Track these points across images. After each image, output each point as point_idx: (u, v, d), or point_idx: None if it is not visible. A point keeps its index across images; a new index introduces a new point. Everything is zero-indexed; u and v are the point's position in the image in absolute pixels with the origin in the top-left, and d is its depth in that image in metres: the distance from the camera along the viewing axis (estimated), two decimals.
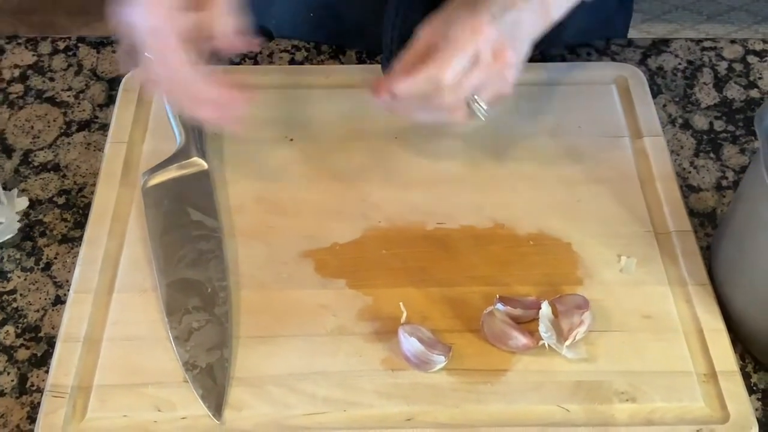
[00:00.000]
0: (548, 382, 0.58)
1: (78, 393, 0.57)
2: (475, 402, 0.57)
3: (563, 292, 0.62)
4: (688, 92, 0.79)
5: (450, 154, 0.71)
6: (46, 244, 0.66)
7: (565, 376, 0.58)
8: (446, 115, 0.62)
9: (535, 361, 0.58)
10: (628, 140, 0.73)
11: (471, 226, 0.66)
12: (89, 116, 0.76)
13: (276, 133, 0.72)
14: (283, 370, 0.58)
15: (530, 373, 0.58)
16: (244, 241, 0.65)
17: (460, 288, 0.62)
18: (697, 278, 0.63)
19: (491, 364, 0.58)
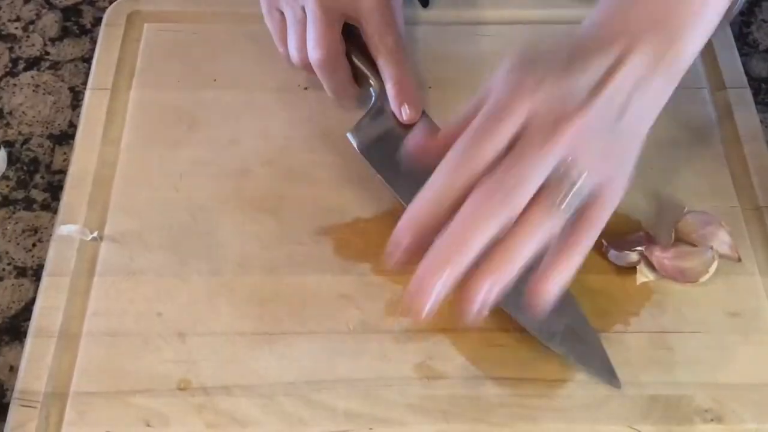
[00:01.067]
0: (616, 397, 0.49)
1: (52, 401, 0.48)
2: (527, 420, 0.48)
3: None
4: (745, 31, 0.67)
5: None
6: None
7: (636, 388, 0.49)
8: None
9: None
10: (707, 92, 0.61)
11: None
12: (39, 52, 0.65)
13: (287, 81, 0.61)
14: (296, 377, 0.49)
15: (594, 385, 0.49)
16: (250, 215, 0.55)
17: None
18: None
19: (548, 372, 0.49)
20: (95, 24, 0.67)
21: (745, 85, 0.61)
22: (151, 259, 0.53)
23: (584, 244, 0.41)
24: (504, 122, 0.40)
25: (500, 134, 0.40)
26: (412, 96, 0.55)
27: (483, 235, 0.39)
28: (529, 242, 0.39)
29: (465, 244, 0.38)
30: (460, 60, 0.63)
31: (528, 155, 0.39)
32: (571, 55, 0.42)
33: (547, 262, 0.40)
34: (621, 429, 0.48)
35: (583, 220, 0.41)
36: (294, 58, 0.57)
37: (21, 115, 0.62)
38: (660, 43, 0.42)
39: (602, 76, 0.41)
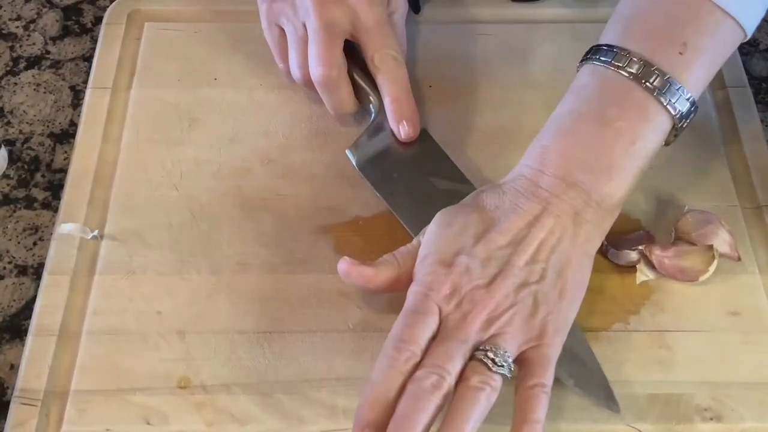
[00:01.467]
0: (616, 396, 0.48)
1: (52, 400, 0.48)
2: None
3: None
4: None
5: (493, 102, 0.60)
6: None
7: (636, 387, 0.49)
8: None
9: None
10: (707, 91, 0.61)
11: None
12: (40, 51, 0.65)
13: (287, 79, 0.60)
14: (296, 375, 0.49)
15: None
16: (250, 213, 0.55)
17: None
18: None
19: None
20: (96, 23, 0.67)
21: (746, 84, 0.61)
22: (151, 257, 0.53)
23: (544, 383, 0.44)
24: (420, 325, 0.44)
25: (420, 336, 0.44)
26: (410, 114, 0.56)
27: (425, 424, 0.42)
28: (476, 406, 0.43)
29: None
30: (459, 59, 0.63)
31: (442, 353, 0.44)
32: (491, 218, 0.47)
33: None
34: (621, 427, 0.47)
35: (529, 362, 0.45)
36: (295, 75, 0.57)
37: (22, 114, 0.62)
38: (574, 202, 0.47)
39: (515, 243, 0.46)
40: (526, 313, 0.45)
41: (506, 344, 0.44)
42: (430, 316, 0.45)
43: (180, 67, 0.62)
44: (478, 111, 0.60)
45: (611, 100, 0.48)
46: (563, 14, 0.65)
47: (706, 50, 0.47)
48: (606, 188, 0.47)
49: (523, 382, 0.44)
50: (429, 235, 0.48)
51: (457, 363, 0.44)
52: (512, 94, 0.61)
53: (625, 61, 0.47)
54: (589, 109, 0.48)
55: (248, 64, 0.62)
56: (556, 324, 0.45)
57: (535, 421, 0.43)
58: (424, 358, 0.44)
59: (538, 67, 0.62)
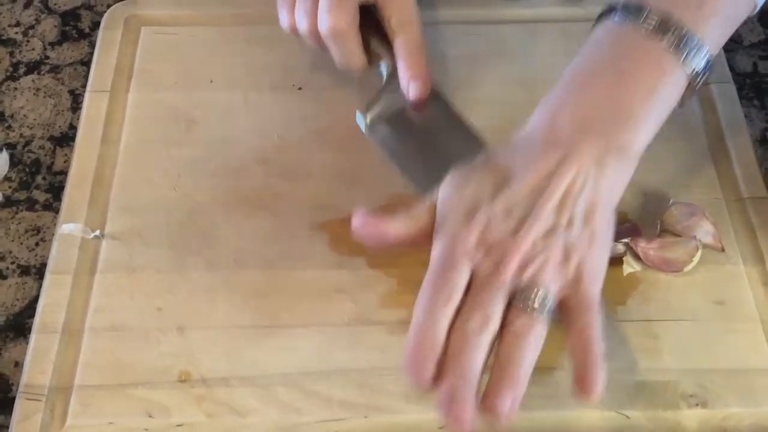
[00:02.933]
0: None
1: (56, 395, 0.49)
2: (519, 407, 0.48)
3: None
4: None
5: (486, 101, 0.61)
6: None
7: (623, 376, 0.50)
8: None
9: None
10: None
11: None
12: (39, 56, 0.66)
13: (282, 81, 0.62)
14: (293, 368, 0.50)
15: None
16: (247, 211, 0.56)
17: None
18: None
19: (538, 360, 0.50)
20: (94, 28, 0.68)
21: (729, 80, 0.62)
22: (150, 255, 0.54)
23: (593, 323, 0.44)
24: (452, 272, 0.44)
25: (454, 281, 0.44)
26: (422, 72, 0.55)
27: (478, 363, 0.43)
28: (524, 351, 0.43)
29: (470, 376, 0.43)
30: (451, 58, 0.64)
31: (482, 299, 0.44)
32: (506, 173, 0.46)
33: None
34: (609, 414, 0.49)
35: (571, 307, 0.45)
36: (301, 26, 0.55)
37: (22, 118, 0.63)
38: (593, 148, 0.46)
39: (537, 192, 0.45)
40: (559, 259, 0.44)
41: (545, 288, 0.44)
42: (461, 264, 0.44)
43: (177, 70, 0.63)
44: (469, 109, 0.61)
45: (627, 53, 0.47)
46: (553, 14, 0.66)
47: (721, 9, 0.47)
48: (625, 136, 0.46)
49: (571, 326, 0.44)
50: (443, 198, 0.47)
51: (497, 307, 0.43)
52: (504, 93, 0.62)
53: (642, 16, 0.47)
54: (604, 63, 0.47)
55: (244, 67, 0.63)
56: (592, 267, 0.45)
57: (596, 354, 0.43)
58: (463, 305, 0.44)
59: (528, 66, 0.63)
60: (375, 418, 0.49)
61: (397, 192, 0.56)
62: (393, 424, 0.48)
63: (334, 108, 0.61)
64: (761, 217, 0.55)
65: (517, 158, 0.47)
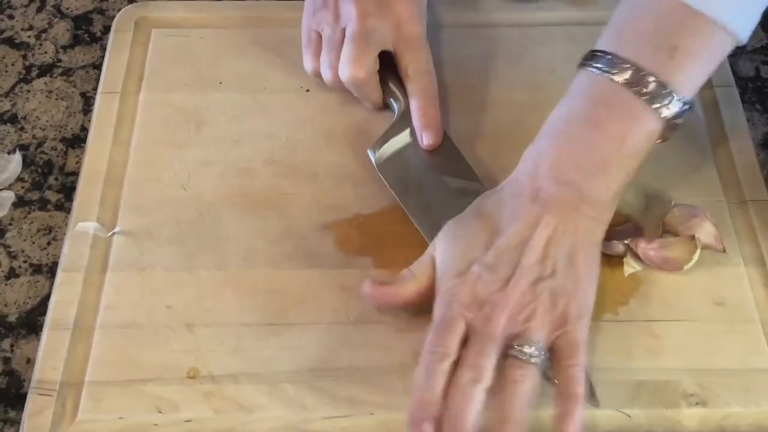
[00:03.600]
0: (606, 382, 0.50)
1: (68, 390, 0.50)
2: None
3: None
4: None
5: (491, 102, 0.62)
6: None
7: (625, 374, 0.51)
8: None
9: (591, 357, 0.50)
10: None
11: None
12: (51, 59, 0.67)
13: (290, 83, 0.63)
14: (299, 365, 0.51)
15: None
16: (255, 212, 0.57)
17: None
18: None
19: None
20: (105, 32, 0.69)
21: (732, 84, 0.63)
22: (160, 254, 0.55)
23: (577, 363, 0.47)
24: (449, 331, 0.47)
25: (450, 340, 0.47)
26: (435, 124, 0.58)
27: (471, 415, 0.45)
28: (521, 398, 0.46)
29: (464, 428, 0.45)
30: (456, 61, 0.65)
31: (475, 353, 0.47)
32: (494, 225, 0.50)
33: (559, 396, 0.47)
34: (611, 413, 0.49)
35: (559, 348, 0.47)
36: (325, 75, 0.60)
37: (35, 119, 0.64)
38: (570, 199, 0.49)
39: (522, 245, 0.49)
40: (546, 306, 0.47)
41: (534, 337, 0.47)
42: (456, 322, 0.47)
43: (187, 71, 0.64)
44: (474, 111, 0.62)
45: (601, 102, 0.50)
46: (556, 17, 0.67)
47: (696, 53, 0.49)
48: (599, 184, 0.50)
49: (558, 365, 0.47)
50: (441, 252, 0.51)
51: (490, 359, 0.46)
52: (507, 95, 0.63)
53: (617, 67, 0.49)
54: (580, 113, 0.50)
55: (252, 69, 0.64)
56: (577, 310, 0.48)
57: (577, 395, 0.46)
58: (460, 361, 0.47)
59: (532, 69, 0.64)
60: (380, 414, 0.49)
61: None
62: (398, 421, 0.49)
63: (341, 110, 0.62)
64: (762, 220, 0.56)
65: (504, 210, 0.50)
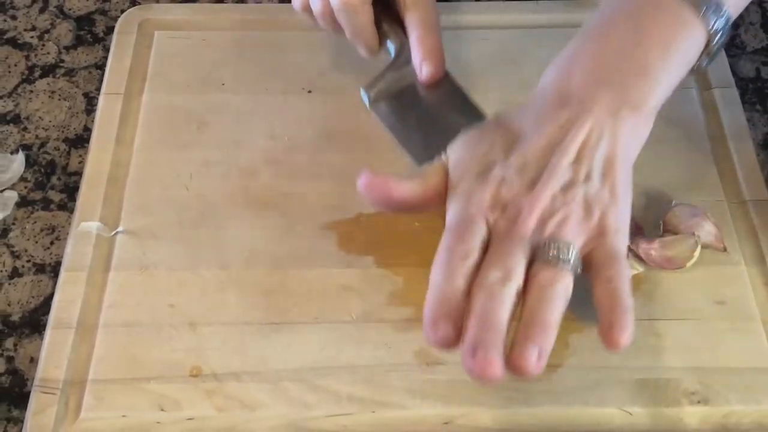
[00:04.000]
0: (607, 381, 0.50)
1: (71, 388, 0.50)
2: (522, 403, 0.50)
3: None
4: (733, 33, 0.67)
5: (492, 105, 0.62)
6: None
7: (626, 373, 0.51)
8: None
9: (592, 356, 0.51)
10: (695, 92, 0.63)
11: None
12: (54, 60, 0.67)
13: (292, 84, 0.63)
14: (301, 364, 0.51)
15: (586, 370, 0.51)
16: (257, 211, 0.57)
17: None
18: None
19: None
20: (108, 33, 0.69)
21: (732, 85, 0.63)
22: (163, 254, 0.55)
23: (620, 273, 0.42)
24: (469, 231, 0.43)
25: (471, 240, 0.42)
26: (436, 51, 0.54)
27: (503, 314, 0.40)
28: (551, 303, 0.41)
29: (495, 324, 0.40)
30: (457, 63, 0.64)
31: (501, 253, 0.42)
32: (519, 130, 0.45)
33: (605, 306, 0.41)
34: (612, 411, 0.49)
35: (597, 261, 0.42)
36: (316, 5, 0.55)
37: (38, 120, 0.65)
38: (609, 100, 0.44)
39: (553, 146, 0.44)
40: (580, 215, 0.43)
41: (569, 239, 0.42)
42: (477, 222, 0.43)
43: (189, 73, 0.64)
44: None
45: (645, 7, 0.46)
46: (556, 20, 0.67)
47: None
48: (640, 90, 0.45)
49: (597, 278, 0.42)
50: (455, 159, 0.46)
51: (518, 260, 0.41)
52: (508, 97, 0.63)
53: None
54: (621, 16, 0.46)
55: (255, 70, 0.64)
56: (615, 220, 0.43)
57: (625, 305, 0.41)
58: (483, 263, 0.41)
59: (532, 71, 0.64)
60: (382, 413, 0.49)
61: None
62: (399, 419, 0.49)
63: (343, 110, 0.62)
64: (763, 219, 0.56)
65: (530, 115, 0.46)
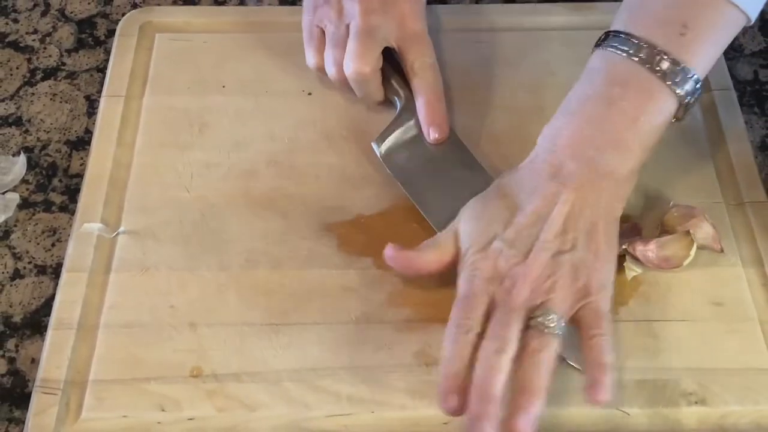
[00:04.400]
0: None
1: (72, 389, 0.51)
2: None
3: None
4: None
5: (492, 106, 0.63)
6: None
7: (624, 373, 0.51)
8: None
9: None
10: None
11: None
12: (56, 63, 0.68)
13: (292, 86, 0.64)
14: (302, 364, 0.51)
15: None
16: (257, 213, 0.58)
17: None
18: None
19: None
20: (109, 35, 0.70)
21: (730, 87, 0.63)
22: (164, 255, 0.56)
23: (603, 332, 0.48)
24: (473, 305, 0.49)
25: (474, 313, 0.48)
26: (441, 119, 0.59)
27: (497, 384, 0.46)
28: (540, 368, 0.46)
29: (491, 396, 0.46)
30: (456, 65, 0.65)
31: (498, 324, 0.48)
32: (514, 202, 0.51)
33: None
34: (610, 411, 0.50)
35: (584, 320, 0.48)
36: (330, 70, 0.60)
37: (39, 122, 0.65)
38: (588, 175, 0.50)
39: (542, 220, 0.49)
40: (567, 279, 0.48)
41: (556, 308, 0.48)
42: (479, 296, 0.48)
43: (190, 75, 0.64)
44: (474, 114, 0.62)
45: (616, 81, 0.50)
46: (555, 22, 0.68)
47: (707, 31, 0.50)
48: (615, 160, 0.50)
49: (584, 336, 0.48)
50: (464, 229, 0.52)
51: (513, 330, 0.47)
52: (507, 99, 0.63)
53: (632, 46, 0.50)
54: (595, 91, 0.51)
55: (255, 72, 0.65)
56: (600, 282, 0.49)
57: (605, 363, 0.46)
58: (485, 335, 0.47)
59: (531, 73, 0.65)
60: (381, 413, 0.50)
61: (403, 194, 0.57)
62: (399, 420, 0.49)
63: (343, 112, 0.62)
64: (760, 221, 0.56)
65: (524, 188, 0.51)
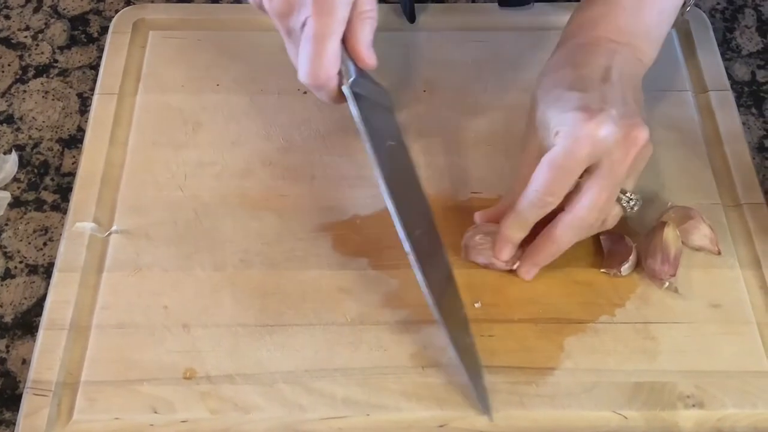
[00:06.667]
0: (602, 384, 0.50)
1: (63, 390, 0.50)
2: (517, 406, 0.50)
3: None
4: (728, 37, 0.69)
5: (491, 106, 0.62)
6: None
7: (622, 376, 0.51)
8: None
9: (588, 359, 0.51)
10: (690, 95, 0.63)
11: None
12: (48, 60, 0.67)
13: (287, 85, 0.63)
14: (296, 366, 0.51)
15: (582, 372, 0.51)
16: (252, 213, 0.57)
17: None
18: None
19: (537, 360, 0.51)
20: (102, 33, 0.69)
21: (727, 88, 0.63)
22: (157, 254, 0.55)
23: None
24: (565, 179, 0.50)
25: (563, 191, 0.50)
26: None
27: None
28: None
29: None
30: (452, 64, 0.65)
31: (607, 196, 0.50)
32: (577, 74, 0.53)
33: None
34: (607, 414, 0.49)
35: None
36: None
37: (31, 120, 0.64)
38: (625, 54, 0.53)
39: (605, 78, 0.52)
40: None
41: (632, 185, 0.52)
42: (576, 170, 0.49)
43: (184, 73, 0.64)
44: (470, 114, 0.62)
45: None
46: (551, 22, 0.67)
47: None
48: (644, 47, 0.55)
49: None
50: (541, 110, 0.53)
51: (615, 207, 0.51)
52: (503, 98, 0.63)
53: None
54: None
55: (249, 71, 0.64)
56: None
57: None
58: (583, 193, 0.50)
59: (527, 72, 0.64)
60: (377, 415, 0.49)
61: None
62: (394, 422, 0.49)
63: (338, 111, 0.61)
64: (758, 223, 0.56)
65: (582, 56, 0.54)
